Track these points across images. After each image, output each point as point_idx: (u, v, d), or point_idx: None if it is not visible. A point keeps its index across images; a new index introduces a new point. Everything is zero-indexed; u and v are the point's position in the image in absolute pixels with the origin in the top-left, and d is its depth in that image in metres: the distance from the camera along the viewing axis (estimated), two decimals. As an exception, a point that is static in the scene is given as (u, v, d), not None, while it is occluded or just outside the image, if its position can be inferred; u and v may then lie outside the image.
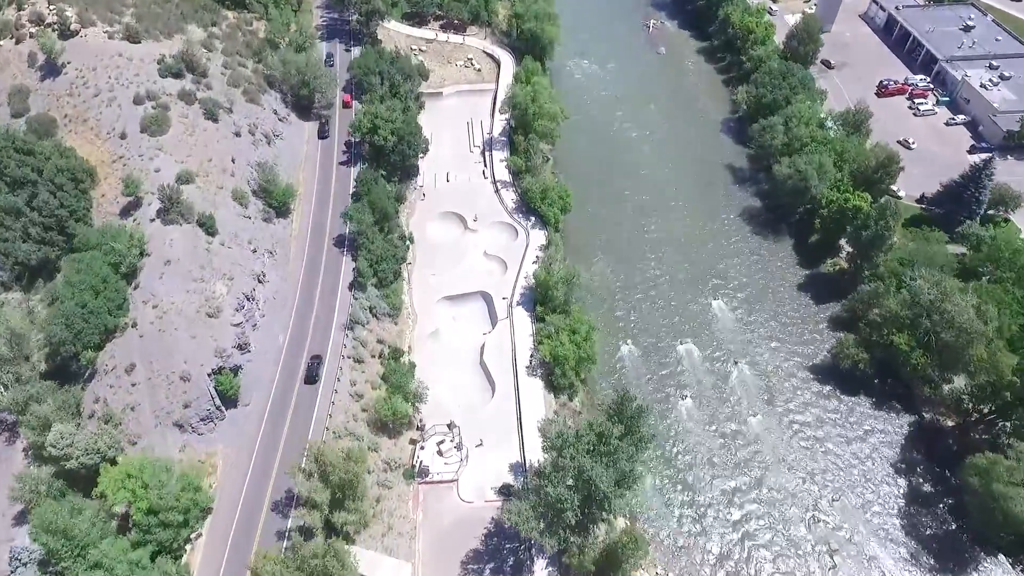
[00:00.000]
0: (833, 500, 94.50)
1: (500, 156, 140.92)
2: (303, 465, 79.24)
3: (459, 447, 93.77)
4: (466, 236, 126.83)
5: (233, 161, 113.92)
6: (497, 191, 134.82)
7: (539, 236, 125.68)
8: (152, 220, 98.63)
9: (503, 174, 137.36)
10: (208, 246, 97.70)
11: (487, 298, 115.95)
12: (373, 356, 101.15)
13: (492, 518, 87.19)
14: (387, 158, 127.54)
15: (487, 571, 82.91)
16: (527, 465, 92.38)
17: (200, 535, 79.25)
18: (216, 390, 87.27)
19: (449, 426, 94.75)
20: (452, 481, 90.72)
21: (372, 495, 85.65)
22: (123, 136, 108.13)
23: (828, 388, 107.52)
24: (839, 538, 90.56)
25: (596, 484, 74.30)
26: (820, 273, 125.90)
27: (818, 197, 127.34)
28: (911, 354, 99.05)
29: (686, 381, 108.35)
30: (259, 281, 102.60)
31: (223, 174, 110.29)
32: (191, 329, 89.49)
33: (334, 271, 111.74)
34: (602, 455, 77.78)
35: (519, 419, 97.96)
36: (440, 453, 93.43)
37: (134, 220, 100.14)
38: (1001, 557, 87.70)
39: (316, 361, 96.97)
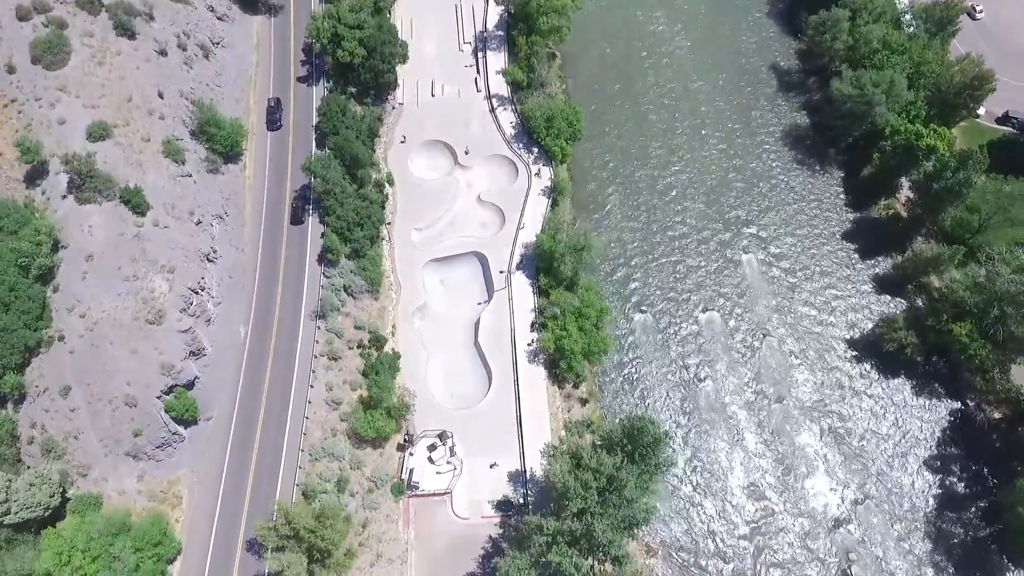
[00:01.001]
0: (857, 503, 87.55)
1: (496, 62, 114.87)
2: (273, 520, 69.83)
3: (452, 454, 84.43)
4: (456, 174, 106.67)
5: (161, 96, 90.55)
6: (492, 110, 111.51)
7: (543, 174, 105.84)
8: (64, 196, 79.51)
9: (500, 86, 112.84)
10: (138, 230, 79.65)
11: (482, 259, 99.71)
12: (351, 347, 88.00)
13: (489, 536, 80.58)
14: (356, 74, 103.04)
15: (485, 597, 77.93)
16: (527, 475, 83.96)
17: (170, 579, 72.64)
18: (169, 415, 75.52)
19: (441, 437, 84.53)
20: (445, 493, 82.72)
21: (357, 520, 78.13)
22: (11, 69, 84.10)
23: (865, 368, 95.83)
24: (860, 547, 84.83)
25: (608, 550, 66.13)
26: (869, 217, 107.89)
27: (881, 124, 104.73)
28: (971, 345, 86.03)
29: (706, 358, 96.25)
30: (208, 260, 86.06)
31: (149, 118, 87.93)
32: (130, 342, 75.36)
33: (300, 234, 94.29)
34: (612, 503, 68.61)
35: (519, 419, 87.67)
36: (431, 460, 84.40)
37: (42, 192, 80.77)
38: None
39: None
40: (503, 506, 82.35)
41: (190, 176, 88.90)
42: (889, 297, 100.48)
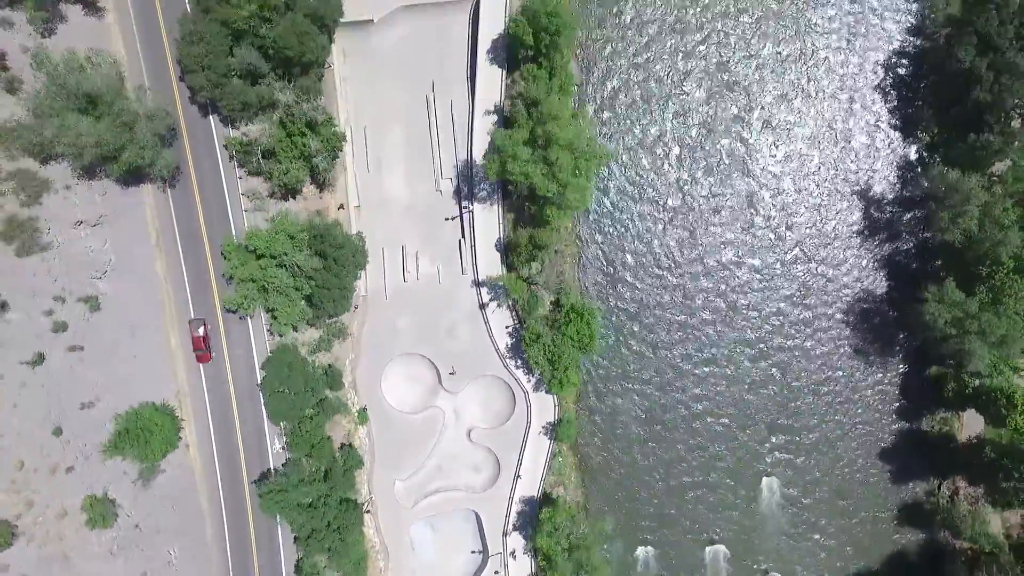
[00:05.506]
0: None
1: (488, 218, 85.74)
2: None
3: None
4: (440, 402, 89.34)
5: (59, 433, 70.77)
6: (483, 306, 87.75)
7: (545, 405, 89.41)
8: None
9: (492, 263, 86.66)
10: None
11: (476, 515, 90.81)
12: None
13: None
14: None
15: None
16: None
17: None
18: None
19: None
20: None
21: None
22: None
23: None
24: None
25: None
26: (917, 428, 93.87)
27: (968, 363, 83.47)
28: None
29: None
30: (178, 607, 78.88)
31: (52, 479, 70.10)
32: None
33: (269, 536, 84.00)
34: None
35: None
36: None
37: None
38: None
39: None
40: None
41: (129, 518, 75.22)
42: (912, 535, 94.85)
